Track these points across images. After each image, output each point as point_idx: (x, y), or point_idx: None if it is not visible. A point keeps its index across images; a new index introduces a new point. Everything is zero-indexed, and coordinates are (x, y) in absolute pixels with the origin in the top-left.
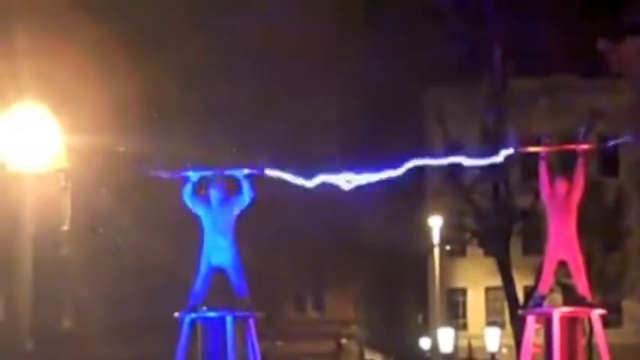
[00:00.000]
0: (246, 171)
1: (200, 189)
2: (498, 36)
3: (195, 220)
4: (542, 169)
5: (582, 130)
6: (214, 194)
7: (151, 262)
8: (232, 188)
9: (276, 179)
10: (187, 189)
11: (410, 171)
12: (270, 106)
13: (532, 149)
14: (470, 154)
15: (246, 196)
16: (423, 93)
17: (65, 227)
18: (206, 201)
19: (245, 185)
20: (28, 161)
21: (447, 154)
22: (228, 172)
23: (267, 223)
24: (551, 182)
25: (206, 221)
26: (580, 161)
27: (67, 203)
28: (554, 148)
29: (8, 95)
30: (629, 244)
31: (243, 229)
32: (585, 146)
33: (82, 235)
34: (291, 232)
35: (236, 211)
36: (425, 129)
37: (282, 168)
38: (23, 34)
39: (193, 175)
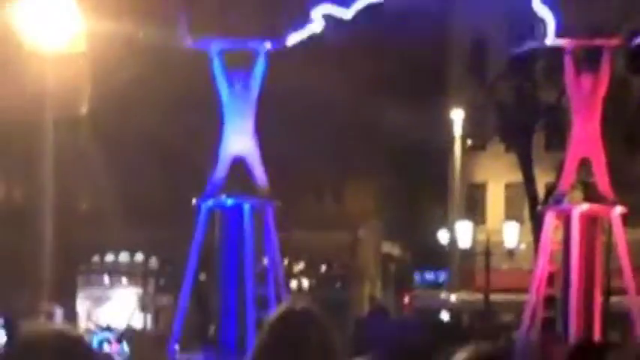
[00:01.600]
0: (268, 44)
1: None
2: None
3: (217, 109)
4: (568, 63)
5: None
6: (237, 77)
7: (172, 146)
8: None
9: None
10: (215, 64)
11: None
12: None
13: (559, 42)
14: (496, 45)
15: (260, 70)
16: None
17: (84, 110)
18: (230, 83)
19: (261, 60)
20: (48, 42)
21: (470, 47)
22: (249, 44)
23: (289, 111)
24: (577, 77)
25: (228, 104)
26: (606, 56)
27: (85, 86)
28: (581, 43)
29: None
30: None
31: (264, 118)
32: (613, 41)
33: (100, 121)
34: (313, 122)
35: (256, 90)
36: (449, 21)
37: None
38: None
39: (214, 46)
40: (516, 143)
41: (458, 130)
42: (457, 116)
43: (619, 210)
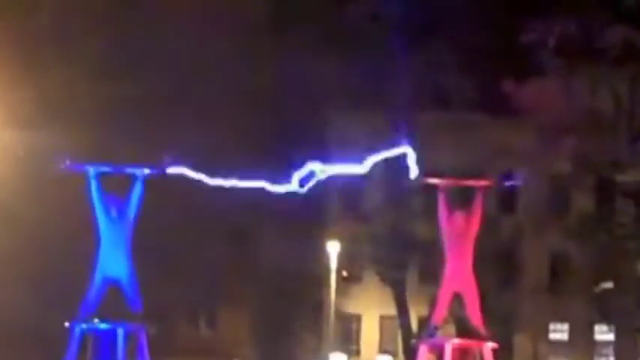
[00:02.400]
0: (146, 170)
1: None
2: (406, 69)
3: (91, 228)
4: (442, 201)
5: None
6: (113, 204)
7: (45, 268)
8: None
9: (172, 186)
10: (92, 187)
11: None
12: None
13: (433, 181)
14: (373, 182)
15: (137, 196)
16: (326, 116)
17: None
18: (106, 209)
19: (138, 186)
20: None
21: (347, 180)
22: (128, 170)
23: (163, 236)
24: (450, 215)
25: (103, 231)
26: (478, 196)
27: None
28: (454, 182)
29: None
30: (523, 281)
31: (139, 243)
32: (483, 182)
33: None
34: (186, 247)
35: (131, 217)
36: (326, 154)
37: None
38: None
39: (91, 170)
40: (391, 276)
41: (334, 261)
42: (332, 248)
43: (490, 345)
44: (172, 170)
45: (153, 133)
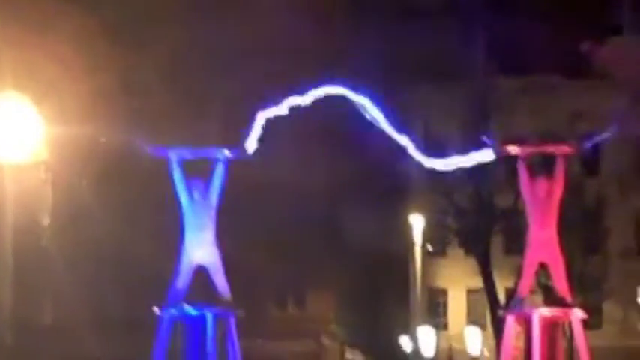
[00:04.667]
0: (227, 152)
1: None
2: (482, 35)
3: (176, 214)
4: (522, 170)
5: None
6: (195, 186)
7: (131, 254)
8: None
9: (256, 170)
10: (175, 172)
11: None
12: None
13: (511, 151)
14: (451, 153)
15: (219, 179)
16: (406, 89)
17: (46, 219)
18: (189, 192)
19: (220, 169)
20: (9, 153)
21: (428, 152)
22: (209, 154)
23: (250, 219)
24: (532, 183)
25: (187, 213)
26: (559, 163)
27: (47, 195)
28: (533, 150)
29: None
30: (610, 245)
31: (225, 226)
32: (564, 148)
33: (62, 227)
34: (273, 230)
35: (214, 200)
36: (407, 126)
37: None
38: (5, 24)
39: (174, 155)
40: (475, 248)
41: (417, 235)
42: (416, 222)
43: (579, 313)
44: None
45: (234, 117)
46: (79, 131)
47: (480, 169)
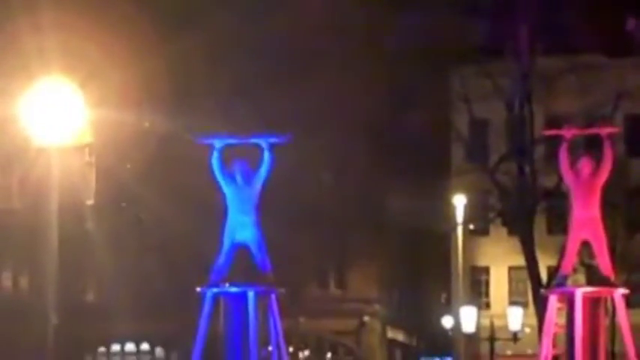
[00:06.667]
0: (272, 140)
1: (226, 164)
2: (525, 14)
3: (218, 195)
4: (563, 153)
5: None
6: (238, 170)
7: (174, 236)
8: (254, 165)
9: (297, 156)
10: (214, 158)
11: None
12: (295, 83)
13: (554, 132)
14: (495, 133)
15: (266, 165)
16: (449, 70)
17: (90, 201)
18: (231, 177)
19: (267, 155)
20: (54, 136)
21: (471, 132)
22: (253, 140)
23: (291, 199)
24: (574, 164)
25: (230, 197)
26: (607, 145)
27: (91, 178)
28: (577, 132)
29: (34, 69)
30: None
31: (267, 205)
32: (609, 129)
33: (106, 210)
34: (315, 209)
35: (259, 185)
36: (450, 106)
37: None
38: (49, 9)
39: (218, 142)
40: (518, 227)
41: (460, 215)
42: (459, 201)
43: (622, 291)
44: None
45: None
46: (124, 116)
47: (523, 148)
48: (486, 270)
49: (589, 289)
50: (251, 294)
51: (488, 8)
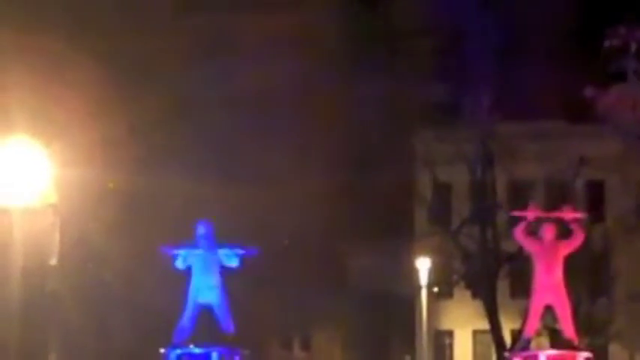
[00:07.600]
0: (240, 252)
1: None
2: (486, 81)
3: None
4: (520, 232)
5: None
6: (202, 232)
7: (139, 297)
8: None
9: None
10: (179, 263)
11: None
12: (259, 143)
13: (519, 214)
14: (458, 196)
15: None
16: (412, 134)
17: (53, 262)
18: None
19: (235, 261)
20: (17, 196)
21: (435, 195)
22: (221, 253)
23: (255, 261)
24: (534, 233)
25: (194, 261)
26: (576, 227)
27: (55, 238)
28: (540, 215)
29: None
30: (616, 289)
31: (232, 272)
32: (572, 214)
33: (70, 270)
34: (279, 271)
35: (222, 251)
36: (414, 169)
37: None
38: (15, 70)
39: (183, 254)
40: (481, 291)
41: (424, 278)
42: (422, 264)
43: (585, 355)
44: None
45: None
46: (88, 175)
47: (486, 213)
48: (450, 334)
49: (553, 352)
50: (215, 355)
51: (451, 73)
